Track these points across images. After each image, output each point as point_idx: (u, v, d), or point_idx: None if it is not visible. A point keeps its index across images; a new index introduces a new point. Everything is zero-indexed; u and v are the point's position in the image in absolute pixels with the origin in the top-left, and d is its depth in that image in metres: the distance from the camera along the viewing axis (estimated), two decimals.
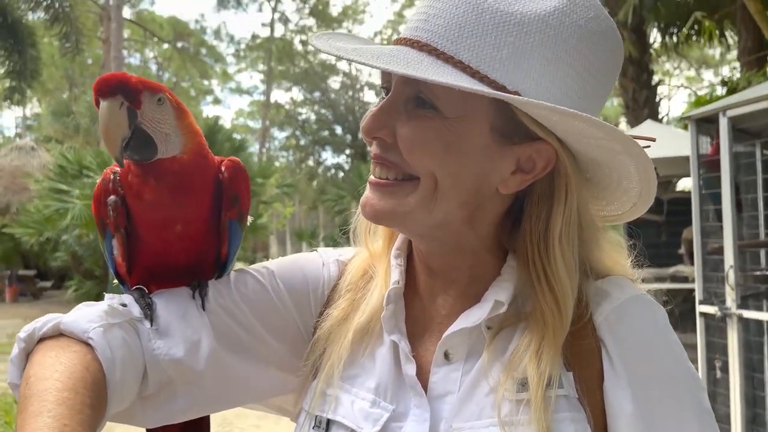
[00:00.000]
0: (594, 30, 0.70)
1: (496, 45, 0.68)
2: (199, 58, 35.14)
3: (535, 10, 0.68)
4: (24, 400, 0.66)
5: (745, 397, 3.75)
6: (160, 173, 0.78)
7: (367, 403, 0.77)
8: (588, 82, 0.71)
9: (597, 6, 0.72)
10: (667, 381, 0.73)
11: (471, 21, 0.69)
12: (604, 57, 0.72)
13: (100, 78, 0.74)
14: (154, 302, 0.82)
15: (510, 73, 0.68)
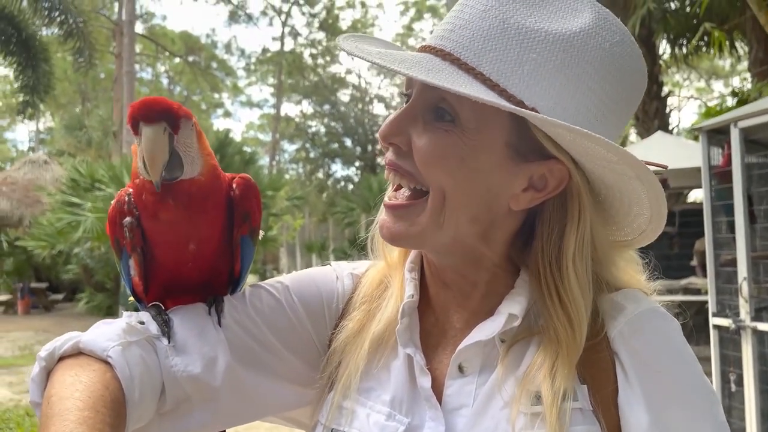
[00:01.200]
0: (618, 54, 0.70)
1: (518, 60, 0.68)
2: (210, 71, 35.43)
3: (561, 30, 0.69)
4: (46, 420, 0.66)
5: (761, 411, 3.70)
6: (178, 194, 0.79)
7: (383, 416, 0.77)
8: (607, 105, 0.71)
9: (624, 31, 0.72)
10: (682, 394, 0.72)
11: (496, 34, 0.69)
12: (626, 82, 0.72)
13: (144, 103, 0.75)
14: (171, 319, 0.82)
15: (529, 89, 0.68)
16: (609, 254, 0.78)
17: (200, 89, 36.75)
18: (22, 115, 12.01)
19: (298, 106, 37.38)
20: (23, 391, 7.87)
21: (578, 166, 0.73)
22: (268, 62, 35.58)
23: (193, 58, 34.22)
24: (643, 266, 0.85)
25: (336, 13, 34.07)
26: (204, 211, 0.82)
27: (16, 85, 14.72)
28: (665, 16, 10.20)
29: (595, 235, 0.75)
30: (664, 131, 10.36)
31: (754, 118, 3.67)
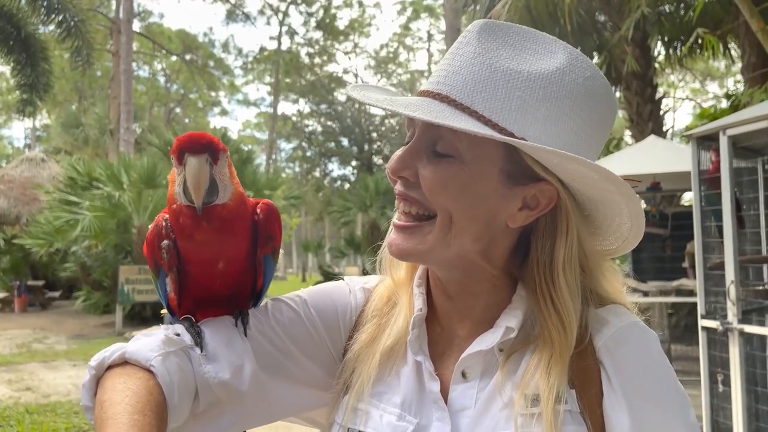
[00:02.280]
0: (590, 86, 0.80)
1: (506, 98, 0.78)
2: (207, 70, 35.46)
3: (540, 69, 0.78)
4: (101, 422, 0.75)
5: (747, 410, 3.80)
6: (212, 217, 0.88)
7: (394, 417, 0.86)
8: (585, 130, 0.81)
9: (593, 66, 0.82)
10: (659, 398, 0.80)
11: (485, 77, 0.79)
12: (600, 109, 0.82)
13: (191, 137, 0.86)
14: (202, 331, 0.91)
15: (517, 122, 0.77)
16: (599, 263, 0.87)
17: (197, 87, 36.76)
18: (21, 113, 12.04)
19: (295, 105, 37.45)
20: (22, 389, 7.93)
21: (565, 186, 0.82)
22: (265, 61, 35.63)
23: (191, 57, 34.21)
24: (634, 268, 0.94)
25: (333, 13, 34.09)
26: (233, 233, 0.90)
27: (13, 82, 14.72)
28: (660, 19, 10.29)
29: (584, 245, 0.85)
30: (658, 133, 10.45)
31: (742, 126, 3.76)
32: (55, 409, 6.85)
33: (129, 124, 21.29)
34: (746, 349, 3.81)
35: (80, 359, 9.93)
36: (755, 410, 4.11)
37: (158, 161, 14.96)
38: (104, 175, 14.74)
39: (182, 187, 0.86)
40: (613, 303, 0.88)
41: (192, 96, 38.68)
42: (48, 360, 9.97)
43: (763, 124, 3.65)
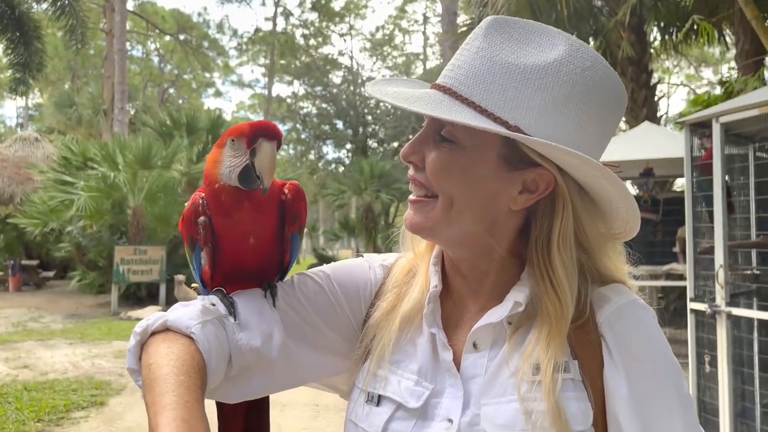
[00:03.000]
0: (589, 77, 0.85)
1: (502, 89, 0.83)
2: (201, 50, 35.19)
3: (538, 62, 0.83)
4: (150, 382, 0.81)
5: (733, 391, 3.91)
6: (252, 198, 0.95)
7: (411, 382, 0.93)
8: (582, 118, 0.86)
9: (595, 57, 0.87)
10: (655, 370, 0.87)
11: (484, 71, 0.85)
12: (599, 99, 0.87)
13: (267, 124, 0.93)
14: (235, 301, 0.97)
15: (512, 111, 0.83)
16: (600, 244, 0.93)
17: (191, 68, 36.50)
18: (14, 92, 11.96)
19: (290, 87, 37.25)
20: (19, 367, 8.00)
21: (562, 170, 0.88)
22: (260, 42, 35.38)
23: (185, 37, 33.94)
24: (627, 252, 1.00)
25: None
26: (266, 212, 0.98)
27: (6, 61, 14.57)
28: (656, 4, 10.31)
29: (584, 226, 0.90)
30: (652, 119, 10.52)
31: (735, 113, 3.84)
32: (53, 386, 6.93)
33: (123, 104, 21.18)
34: (733, 332, 3.92)
35: (76, 338, 10.00)
36: (741, 390, 4.23)
37: (153, 142, 14.92)
38: (99, 156, 14.69)
39: (239, 169, 0.92)
40: (615, 282, 0.94)
41: (186, 77, 38.41)
42: (44, 339, 10.03)
43: (755, 112, 3.72)
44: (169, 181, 14.73)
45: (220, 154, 0.94)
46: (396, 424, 0.91)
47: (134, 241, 13.93)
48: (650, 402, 0.85)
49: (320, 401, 6.55)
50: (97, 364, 8.23)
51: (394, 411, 0.92)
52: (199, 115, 17.45)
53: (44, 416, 5.86)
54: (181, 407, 0.76)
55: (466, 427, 0.87)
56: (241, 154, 0.92)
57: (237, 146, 0.92)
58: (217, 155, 0.94)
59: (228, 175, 0.93)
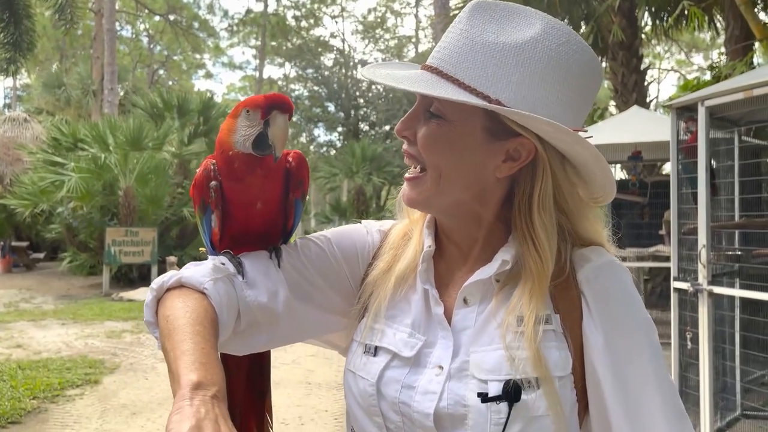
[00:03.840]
0: (564, 52, 0.92)
1: (483, 67, 0.91)
2: (192, 31, 34.86)
3: (516, 39, 0.91)
4: (168, 333, 0.89)
5: (715, 368, 4.04)
6: (264, 165, 1.02)
7: (405, 334, 1.00)
8: (559, 91, 0.93)
9: (569, 33, 0.94)
10: (629, 323, 0.95)
11: (466, 50, 0.92)
12: (574, 72, 0.94)
13: (281, 96, 0.99)
14: (243, 262, 1.04)
15: (493, 86, 0.90)
16: (579, 208, 1.00)
17: (181, 49, 36.18)
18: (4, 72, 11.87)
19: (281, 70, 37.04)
20: (12, 346, 8.05)
21: (542, 139, 0.96)
22: (251, 23, 35.11)
23: (175, 18, 33.59)
24: (614, 234, 1.08)
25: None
26: (274, 178, 1.05)
27: None
28: None
29: (564, 191, 0.98)
30: (641, 104, 10.60)
31: (720, 97, 3.92)
32: (47, 365, 7.00)
33: (113, 85, 21.03)
34: (715, 310, 4.04)
35: (68, 318, 10.05)
36: (722, 366, 4.36)
37: (144, 123, 14.86)
38: (90, 136, 14.64)
39: (253, 137, 0.98)
40: (595, 244, 1.02)
41: (176, 58, 38.08)
42: (36, 319, 10.08)
43: (740, 96, 3.81)
44: (161, 162, 14.72)
45: (234, 124, 1.00)
46: (391, 372, 0.98)
47: (125, 223, 13.93)
48: (623, 351, 0.93)
49: (312, 379, 6.66)
50: (90, 343, 8.30)
51: (390, 360, 0.99)
52: (191, 96, 17.38)
53: (39, 393, 5.94)
54: (198, 352, 0.83)
55: (456, 372, 0.94)
56: (255, 124, 0.98)
57: (252, 117, 0.98)
58: (231, 124, 1.00)
59: (242, 143, 0.99)
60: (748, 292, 4.09)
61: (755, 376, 4.75)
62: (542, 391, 0.90)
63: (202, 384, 0.77)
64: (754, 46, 8.03)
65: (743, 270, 4.50)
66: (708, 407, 3.93)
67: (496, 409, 0.90)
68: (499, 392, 0.90)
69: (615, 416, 0.92)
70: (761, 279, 4.14)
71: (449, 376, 0.94)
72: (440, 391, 0.93)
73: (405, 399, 0.95)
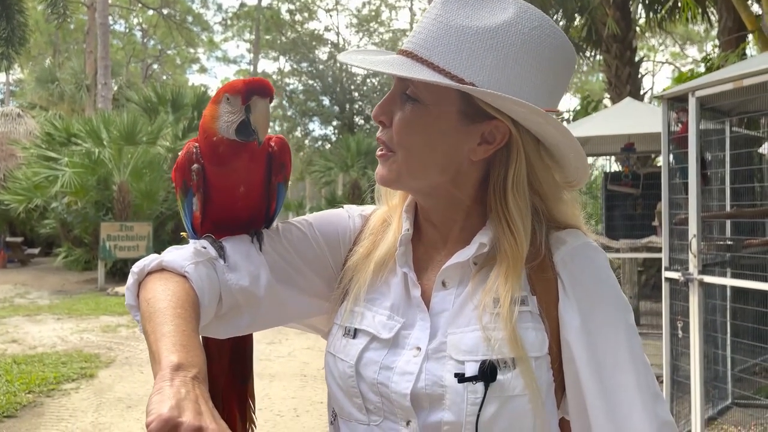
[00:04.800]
0: (536, 36, 0.93)
1: (457, 50, 0.92)
2: (185, 25, 34.71)
3: (489, 23, 0.92)
4: (149, 315, 0.88)
5: (706, 356, 4.07)
6: (245, 150, 1.03)
7: (384, 317, 1.01)
8: (532, 73, 0.94)
9: (542, 17, 0.95)
10: (604, 304, 0.96)
11: (441, 34, 0.93)
12: (546, 56, 0.95)
13: (260, 81, 0.99)
14: (224, 246, 1.04)
15: (467, 69, 0.91)
16: (554, 191, 1.02)
17: (175, 43, 36.03)
18: None
19: (276, 64, 36.91)
20: (8, 341, 8.05)
21: (516, 123, 0.94)
22: (245, 17, 34.97)
23: (168, 12, 33.43)
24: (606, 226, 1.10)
25: None
26: (256, 163, 1.05)
27: None
28: None
29: (538, 173, 0.99)
30: (635, 96, 10.62)
31: (710, 88, 3.94)
32: (42, 359, 7.00)
33: (107, 80, 20.93)
34: (705, 299, 4.07)
35: (63, 313, 10.04)
36: (712, 354, 4.40)
37: (138, 118, 14.82)
38: (84, 131, 14.59)
39: (236, 124, 0.99)
40: (571, 226, 1.04)
41: (170, 52, 37.91)
42: (31, 314, 10.07)
43: (730, 86, 3.83)
44: (155, 157, 14.68)
45: (216, 110, 1.00)
46: (370, 353, 0.99)
47: (120, 218, 13.91)
48: (599, 331, 0.95)
49: (307, 372, 6.68)
50: (85, 338, 8.30)
51: (369, 342, 1.00)
52: (185, 91, 17.34)
53: (35, 388, 5.95)
54: (179, 335, 0.83)
55: (433, 353, 0.95)
56: (237, 110, 0.98)
57: (233, 102, 0.98)
58: (213, 111, 1.01)
59: (226, 129, 1.00)
60: (739, 281, 4.13)
61: (746, 365, 4.80)
62: (518, 371, 0.91)
63: (182, 365, 0.77)
64: (747, 38, 8.05)
65: (734, 259, 4.53)
66: (699, 396, 3.97)
67: (472, 389, 0.91)
68: (475, 372, 0.91)
69: (590, 396, 0.93)
70: (752, 268, 4.17)
71: (426, 357, 0.95)
72: (417, 371, 0.95)
73: (383, 380, 0.96)
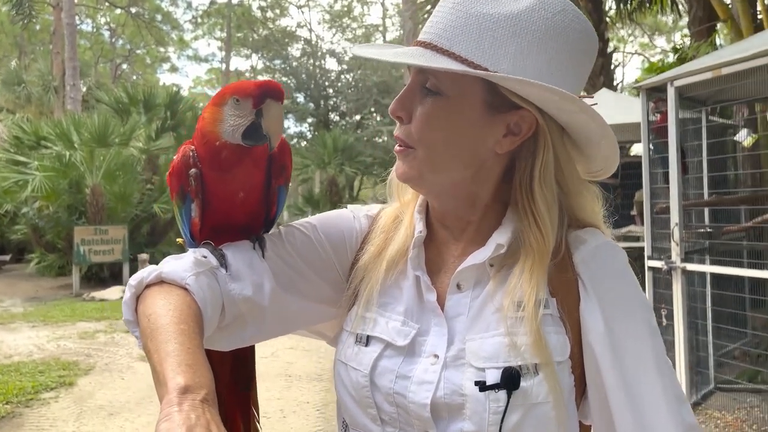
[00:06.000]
0: (560, 21, 0.89)
1: (478, 39, 0.88)
2: (155, 24, 34.16)
3: (510, 10, 0.88)
4: (150, 333, 0.84)
5: (688, 341, 4.13)
6: (250, 154, 0.98)
7: (398, 323, 0.97)
8: (557, 60, 0.90)
9: (564, 3, 0.91)
10: (627, 306, 0.93)
11: (461, 23, 0.89)
12: (571, 41, 0.91)
13: (274, 84, 0.95)
14: (225, 254, 0.99)
15: (491, 58, 0.88)
16: (576, 184, 0.97)
17: (144, 43, 35.45)
18: None
19: (248, 61, 36.56)
20: None
21: (543, 111, 0.91)
22: (216, 15, 34.55)
23: (136, 10, 32.86)
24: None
25: None
26: (257, 167, 1.00)
27: None
28: None
29: (563, 166, 0.95)
30: (609, 87, 10.73)
31: (688, 77, 3.98)
32: (19, 368, 6.83)
33: (75, 81, 20.49)
34: (688, 286, 4.12)
35: (38, 321, 9.81)
36: (696, 341, 4.46)
37: (110, 119, 14.55)
38: (53, 134, 14.27)
39: (244, 128, 0.94)
40: (589, 224, 1.00)
41: (139, 52, 37.29)
42: (5, 323, 9.82)
43: (709, 75, 3.87)
44: (128, 158, 14.42)
45: (220, 113, 0.95)
46: (385, 361, 0.95)
47: (94, 221, 13.65)
48: (623, 334, 0.92)
49: (292, 372, 6.62)
50: (62, 345, 8.12)
51: (383, 349, 0.96)
52: (157, 91, 17.06)
53: (12, 398, 5.79)
54: (184, 353, 0.79)
55: (452, 361, 0.92)
56: (246, 113, 0.93)
57: (242, 106, 0.93)
58: (216, 113, 0.95)
59: (231, 133, 0.94)
60: (719, 268, 4.18)
61: (727, 350, 4.88)
62: (542, 377, 0.88)
63: (190, 387, 0.73)
64: (717, 27, 8.16)
65: (713, 247, 4.60)
66: (685, 383, 4.02)
67: (494, 398, 0.88)
68: (497, 380, 0.88)
69: (616, 400, 0.90)
70: (730, 254, 4.24)
71: (445, 365, 0.92)
72: (436, 380, 0.91)
73: (399, 389, 0.93)
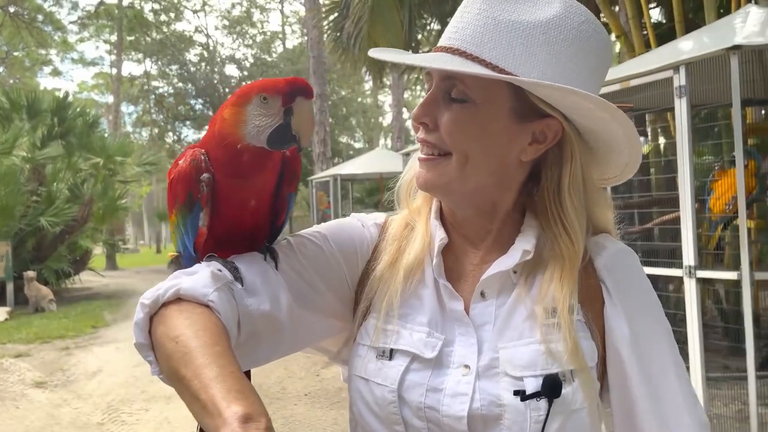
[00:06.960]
0: (585, 30, 0.91)
1: (509, 46, 0.89)
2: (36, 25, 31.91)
3: (539, 18, 0.89)
4: (181, 357, 0.78)
5: None
6: (271, 158, 0.93)
7: (423, 334, 0.95)
8: (583, 68, 0.92)
9: (587, 12, 0.93)
10: (648, 310, 0.97)
11: (490, 29, 0.89)
12: (594, 50, 0.93)
13: (304, 82, 0.90)
14: (239, 267, 0.94)
15: (521, 65, 0.88)
16: (595, 194, 0.99)
17: (24, 44, 33.03)
18: None
19: (141, 66, 35.00)
20: None
21: (568, 120, 0.93)
22: (104, 16, 32.76)
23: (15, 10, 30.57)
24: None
25: None
26: (273, 172, 0.95)
27: None
28: None
29: (585, 175, 0.96)
30: None
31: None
32: None
33: None
34: None
35: None
36: None
37: None
38: None
39: (272, 128, 0.87)
40: (602, 230, 1.02)
41: (17, 54, 34.70)
42: None
43: (617, 87, 4.05)
44: (10, 168, 13.40)
45: (243, 113, 0.88)
46: (413, 375, 0.92)
47: None
48: (646, 338, 0.95)
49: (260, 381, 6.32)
50: None
51: (410, 363, 0.93)
52: (42, 96, 15.92)
53: None
54: (229, 378, 0.75)
55: (485, 371, 0.91)
56: (274, 113, 0.87)
57: (270, 104, 0.87)
58: (239, 114, 0.88)
59: (256, 135, 0.87)
60: None
61: None
62: (578, 383, 0.89)
63: (250, 416, 0.70)
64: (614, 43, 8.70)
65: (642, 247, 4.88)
66: None
67: (535, 407, 0.88)
68: (536, 388, 0.88)
69: (640, 402, 0.93)
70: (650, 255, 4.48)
71: (478, 375, 0.91)
72: (471, 391, 0.89)
73: (432, 403, 0.90)
